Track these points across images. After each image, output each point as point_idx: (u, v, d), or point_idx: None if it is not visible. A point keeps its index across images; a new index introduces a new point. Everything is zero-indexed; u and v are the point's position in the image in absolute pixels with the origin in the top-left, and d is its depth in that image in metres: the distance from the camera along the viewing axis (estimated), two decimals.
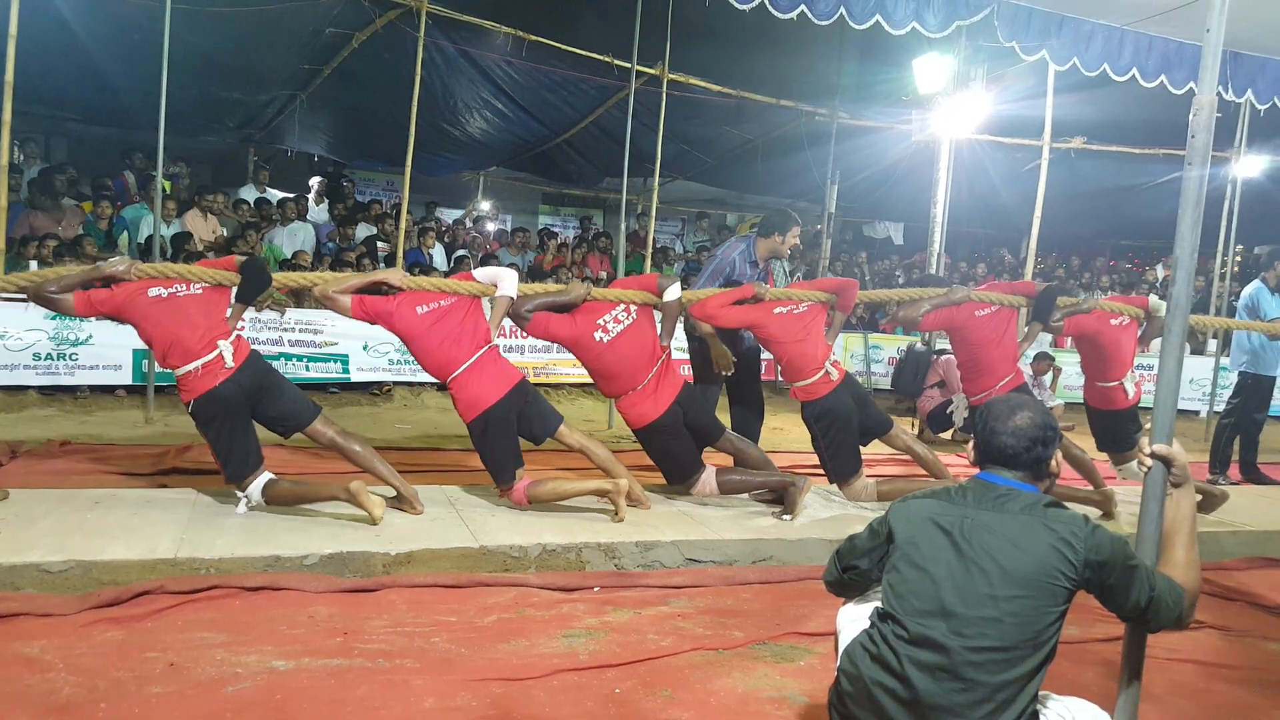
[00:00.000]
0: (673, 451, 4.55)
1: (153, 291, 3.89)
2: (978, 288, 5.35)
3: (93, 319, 4.03)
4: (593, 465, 4.51)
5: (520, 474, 4.23)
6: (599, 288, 4.65)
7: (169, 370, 3.93)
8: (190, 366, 3.82)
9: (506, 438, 4.20)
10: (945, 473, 4.82)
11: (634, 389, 4.47)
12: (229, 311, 4.03)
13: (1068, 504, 2.13)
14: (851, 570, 2.21)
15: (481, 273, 4.45)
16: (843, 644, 2.14)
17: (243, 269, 4.05)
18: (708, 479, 4.55)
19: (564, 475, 4.62)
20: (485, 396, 4.13)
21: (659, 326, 4.60)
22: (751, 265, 5.21)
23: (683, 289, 4.68)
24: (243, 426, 3.90)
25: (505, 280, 4.33)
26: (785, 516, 4.46)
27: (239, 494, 3.94)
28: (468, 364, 4.14)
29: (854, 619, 2.18)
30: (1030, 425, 2.08)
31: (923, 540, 2.02)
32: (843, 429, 4.69)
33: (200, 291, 3.96)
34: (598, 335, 4.42)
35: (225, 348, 3.88)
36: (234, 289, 4.04)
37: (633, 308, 4.52)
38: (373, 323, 4.22)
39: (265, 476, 3.93)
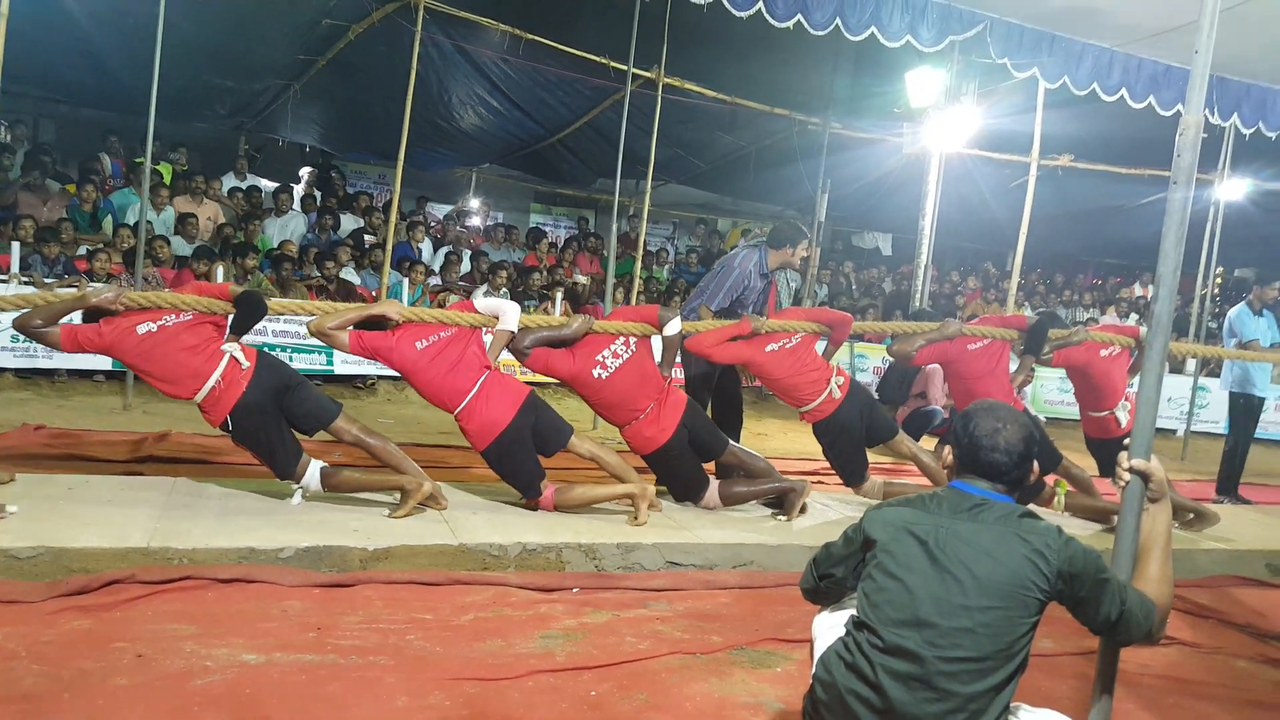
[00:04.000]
0: (679, 472, 4.59)
1: (142, 328, 3.77)
2: (972, 320, 5.41)
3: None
4: (604, 472, 4.51)
5: (543, 485, 4.23)
6: (599, 320, 4.58)
7: (184, 400, 3.85)
8: (208, 386, 3.78)
9: (525, 455, 4.19)
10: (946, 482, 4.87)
11: (636, 419, 4.47)
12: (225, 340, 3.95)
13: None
14: (828, 578, 2.21)
15: (483, 304, 4.40)
16: (818, 651, 2.14)
17: (238, 301, 3.95)
18: (712, 493, 4.59)
19: (589, 481, 4.61)
20: (497, 420, 4.11)
21: (659, 356, 4.61)
22: (762, 277, 5.23)
23: (687, 306, 4.67)
24: (278, 425, 3.90)
25: (506, 314, 4.30)
26: (781, 517, 4.58)
27: (294, 485, 3.95)
28: (473, 392, 4.11)
29: (830, 626, 2.18)
30: (1019, 440, 2.06)
31: (898, 549, 2.02)
32: (848, 440, 4.83)
33: (191, 317, 3.88)
34: (596, 372, 4.39)
35: (233, 349, 3.85)
36: (229, 318, 3.96)
37: (632, 340, 4.51)
38: (371, 359, 4.20)
39: (317, 464, 3.95)
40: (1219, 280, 13.49)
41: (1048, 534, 1.97)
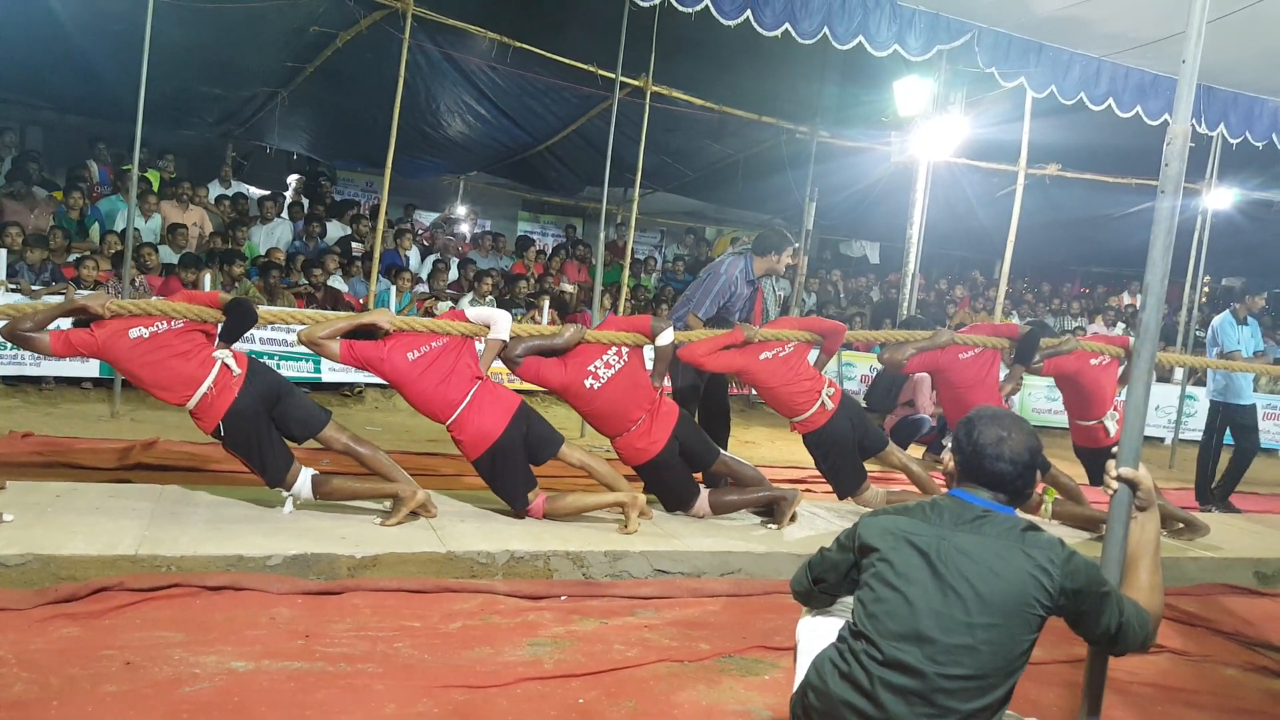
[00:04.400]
0: (670, 483, 4.57)
1: (134, 333, 3.75)
2: (961, 329, 5.41)
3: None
4: (595, 481, 4.50)
5: (533, 495, 4.21)
6: (590, 329, 4.57)
7: (176, 406, 3.84)
8: (201, 392, 3.76)
9: (515, 466, 4.16)
10: (938, 492, 4.86)
11: (628, 430, 4.44)
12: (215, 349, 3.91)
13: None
14: (821, 583, 2.20)
15: (474, 313, 4.36)
16: (802, 655, 2.13)
17: (228, 309, 3.91)
18: (702, 502, 4.58)
19: (581, 489, 4.59)
20: (489, 431, 4.07)
21: (651, 366, 4.58)
22: (748, 284, 5.23)
23: (673, 315, 4.66)
24: (269, 431, 3.88)
25: (498, 323, 4.26)
26: (771, 526, 4.55)
27: (285, 494, 3.93)
28: (465, 403, 4.07)
29: (814, 630, 2.17)
30: (1024, 450, 2.02)
31: (897, 559, 1.98)
32: (841, 451, 4.81)
33: (182, 325, 3.85)
34: (588, 383, 4.36)
35: (225, 356, 3.84)
36: (218, 326, 3.94)
37: (624, 350, 4.47)
38: (362, 369, 4.17)
39: (309, 471, 3.93)
40: (1206, 289, 13.62)
41: (1051, 548, 1.94)
